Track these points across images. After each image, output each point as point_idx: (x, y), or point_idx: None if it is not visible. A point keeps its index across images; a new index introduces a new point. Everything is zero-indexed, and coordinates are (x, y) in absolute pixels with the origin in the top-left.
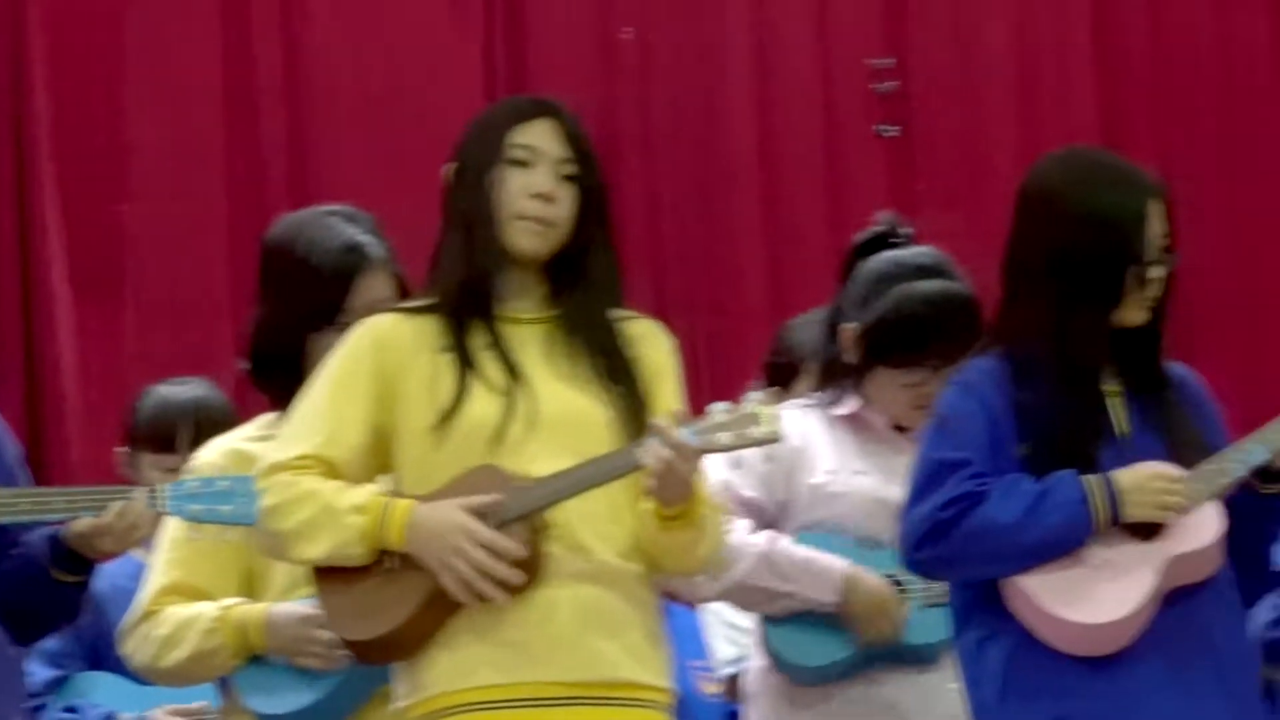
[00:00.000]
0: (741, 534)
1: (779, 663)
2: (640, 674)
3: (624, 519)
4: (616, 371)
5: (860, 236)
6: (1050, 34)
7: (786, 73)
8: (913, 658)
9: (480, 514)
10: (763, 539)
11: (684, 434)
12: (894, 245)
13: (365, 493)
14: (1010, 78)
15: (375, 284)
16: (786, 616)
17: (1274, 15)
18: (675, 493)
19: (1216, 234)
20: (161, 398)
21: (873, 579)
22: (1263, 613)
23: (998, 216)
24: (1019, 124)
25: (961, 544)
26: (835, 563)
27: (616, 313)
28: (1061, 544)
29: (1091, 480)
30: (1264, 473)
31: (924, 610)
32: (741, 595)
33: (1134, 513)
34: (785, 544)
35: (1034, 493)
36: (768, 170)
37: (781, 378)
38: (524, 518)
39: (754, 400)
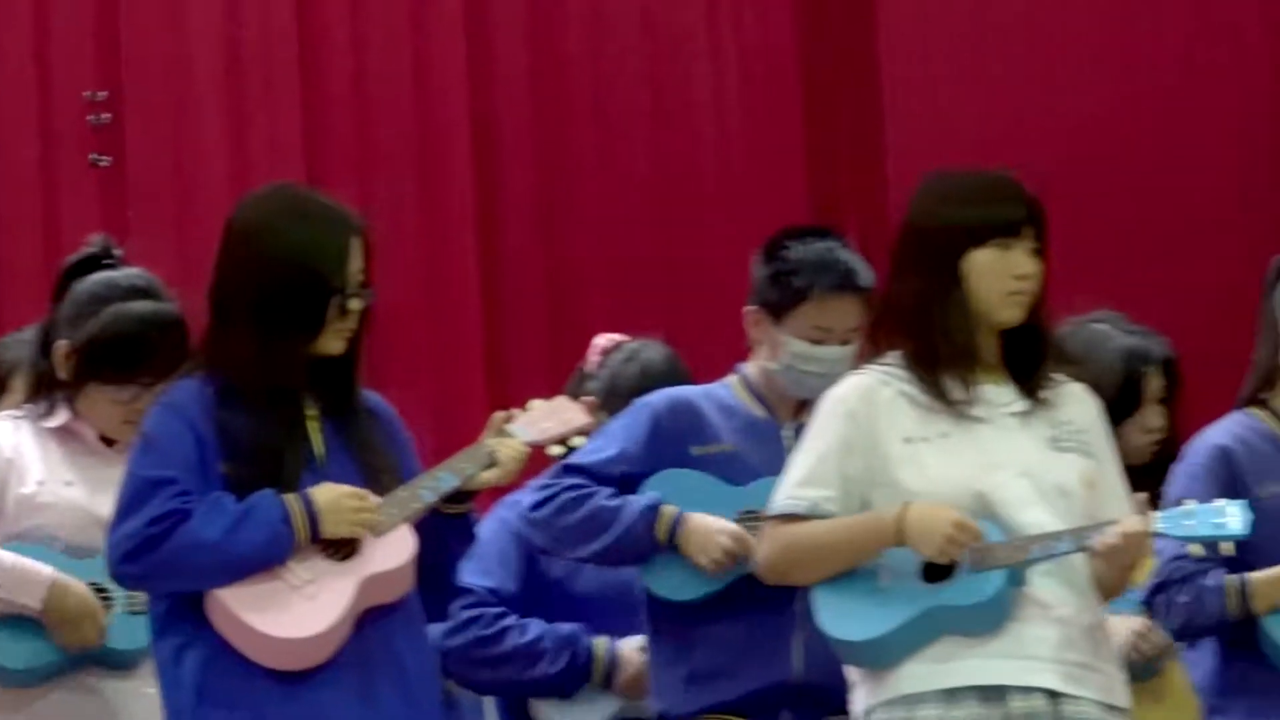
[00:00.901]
0: None
1: None
2: None
3: None
4: None
5: (72, 258)
6: (258, 71)
7: (3, 101)
8: (115, 662)
9: None
10: None
11: None
12: (106, 267)
13: None
14: (220, 111)
15: None
16: None
17: (470, 65)
18: None
19: (411, 268)
20: None
21: (77, 587)
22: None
23: (206, 244)
24: (228, 157)
25: (168, 559)
26: (42, 570)
27: None
28: (264, 560)
29: (291, 499)
30: (451, 495)
31: (127, 617)
32: None
33: (332, 529)
34: None
35: (237, 511)
36: None
37: None
38: None
39: None
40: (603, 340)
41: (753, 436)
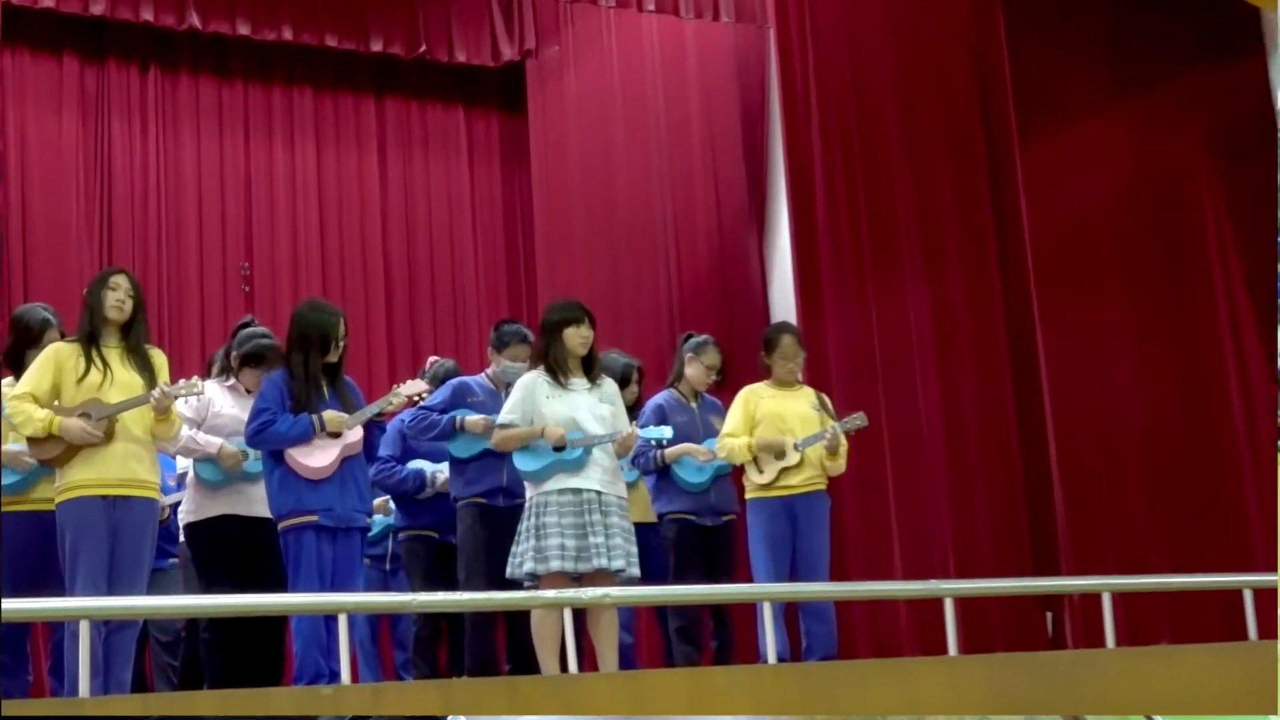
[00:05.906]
0: None
1: None
2: None
3: None
4: None
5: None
6: None
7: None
8: (250, 477)
9: None
10: None
11: None
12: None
13: None
14: None
15: None
16: None
17: None
18: None
19: None
20: None
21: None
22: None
23: None
24: None
25: (265, 439)
26: (215, 439)
27: None
28: (302, 439)
29: (315, 416)
30: (375, 414)
31: (254, 460)
32: None
33: (332, 428)
34: None
35: (295, 421)
36: None
37: None
38: None
39: None
40: (431, 358)
41: (493, 397)
